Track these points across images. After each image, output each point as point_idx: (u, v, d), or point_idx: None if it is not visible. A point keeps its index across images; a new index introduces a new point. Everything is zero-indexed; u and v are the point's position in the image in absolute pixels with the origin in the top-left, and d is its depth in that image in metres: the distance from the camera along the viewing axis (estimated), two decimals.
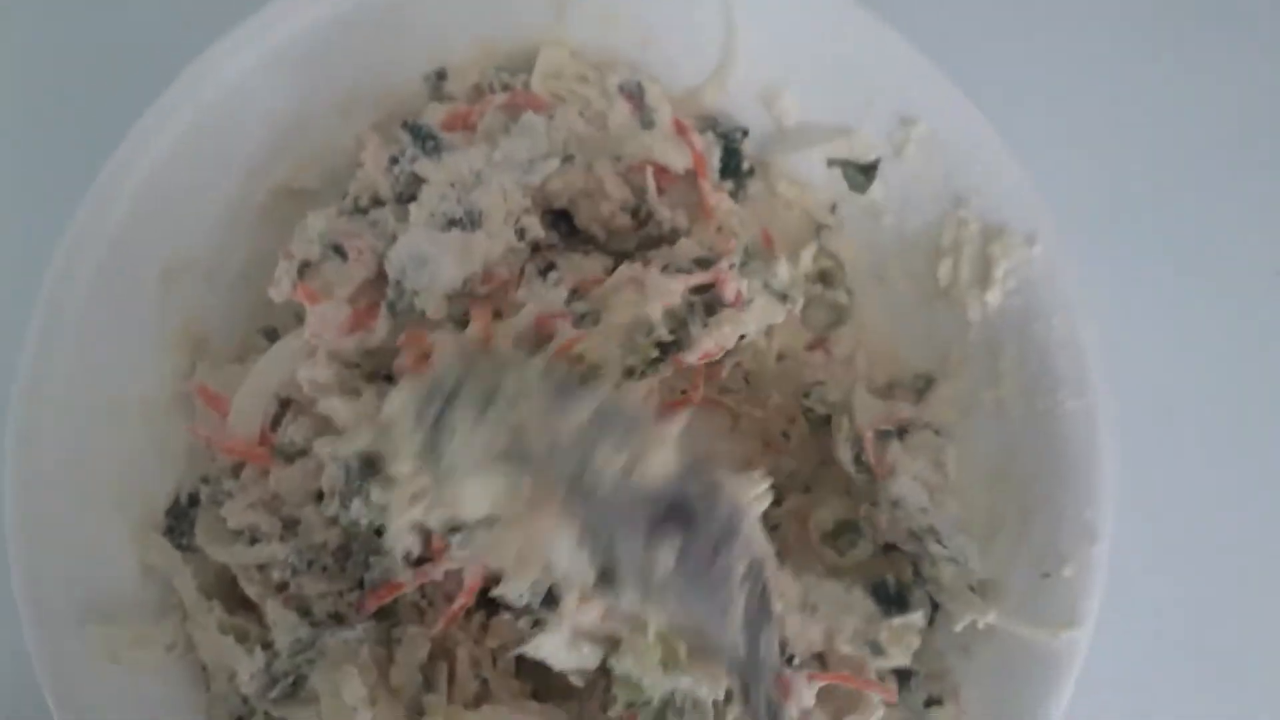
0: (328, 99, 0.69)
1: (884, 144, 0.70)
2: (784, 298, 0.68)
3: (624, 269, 0.62)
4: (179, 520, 0.66)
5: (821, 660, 0.63)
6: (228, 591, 0.65)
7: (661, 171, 0.67)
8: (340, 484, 0.58)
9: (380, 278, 0.63)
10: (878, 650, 0.61)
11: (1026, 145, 0.67)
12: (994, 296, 0.68)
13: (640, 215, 0.68)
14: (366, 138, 0.69)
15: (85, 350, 0.63)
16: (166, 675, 0.64)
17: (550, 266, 0.64)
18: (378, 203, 0.67)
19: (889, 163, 0.71)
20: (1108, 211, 0.85)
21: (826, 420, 0.71)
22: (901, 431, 0.69)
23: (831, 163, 0.73)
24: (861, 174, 0.72)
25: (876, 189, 0.72)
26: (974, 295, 0.69)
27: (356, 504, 0.57)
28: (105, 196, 0.64)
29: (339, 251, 0.63)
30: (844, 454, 0.69)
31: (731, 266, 0.61)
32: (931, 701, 0.64)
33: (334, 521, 0.60)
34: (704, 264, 0.63)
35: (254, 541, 0.62)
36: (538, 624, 0.56)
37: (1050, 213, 0.67)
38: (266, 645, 0.61)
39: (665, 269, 0.63)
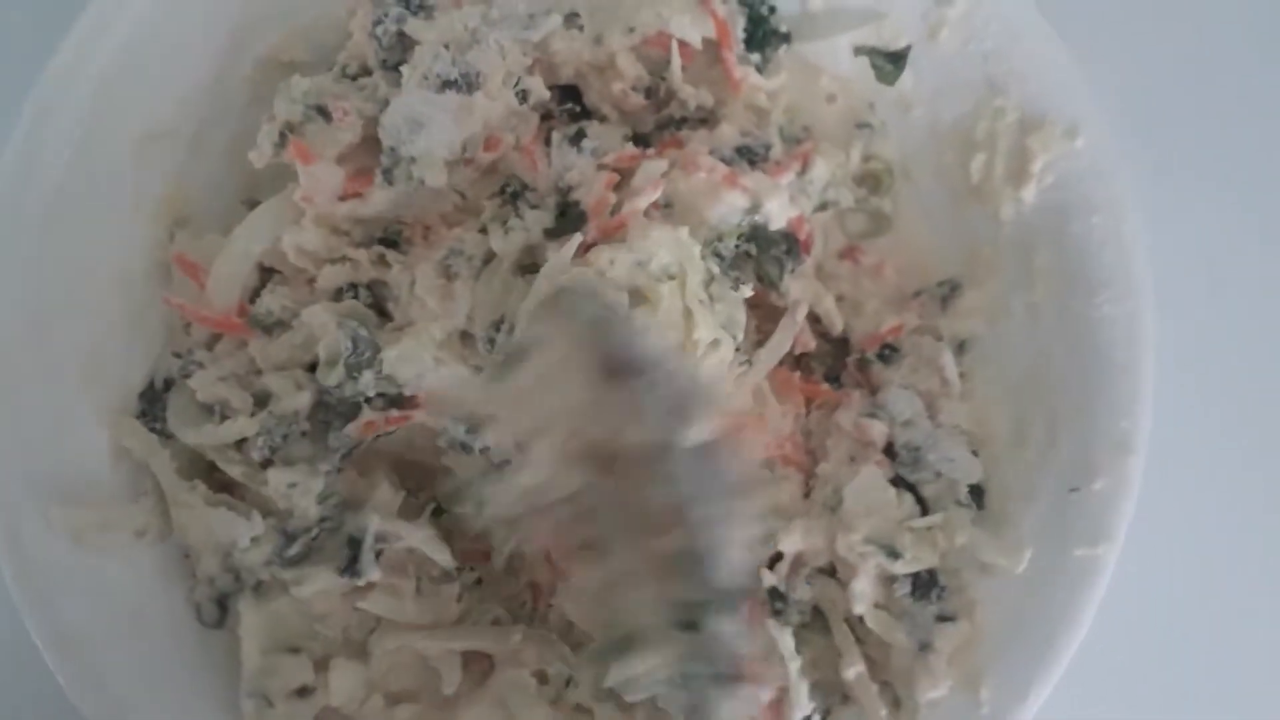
0: None
1: (917, 26, 0.65)
2: (824, 205, 0.65)
3: (690, 156, 0.59)
4: (152, 404, 0.62)
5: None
6: (204, 477, 0.61)
7: (680, 46, 0.63)
8: (348, 353, 0.55)
9: (367, 144, 0.59)
10: (892, 554, 0.57)
11: (1071, 28, 0.62)
12: (1030, 193, 0.64)
13: (659, 94, 0.64)
14: (358, 5, 0.64)
15: (56, 214, 0.59)
16: (136, 563, 0.60)
17: (581, 134, 0.61)
18: (367, 72, 0.62)
19: (921, 47, 0.66)
20: (1157, 103, 0.79)
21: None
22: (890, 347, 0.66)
23: (859, 51, 0.68)
24: (891, 63, 0.67)
25: (906, 79, 0.67)
26: (1008, 192, 0.64)
27: (367, 375, 0.56)
28: (81, 53, 0.60)
29: (323, 113, 0.58)
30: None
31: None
32: (944, 618, 0.60)
33: (306, 387, 0.57)
34: (746, 153, 0.61)
35: (225, 418, 0.59)
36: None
37: (1095, 103, 0.62)
38: (267, 513, 0.58)
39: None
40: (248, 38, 0.65)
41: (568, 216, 0.60)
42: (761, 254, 0.63)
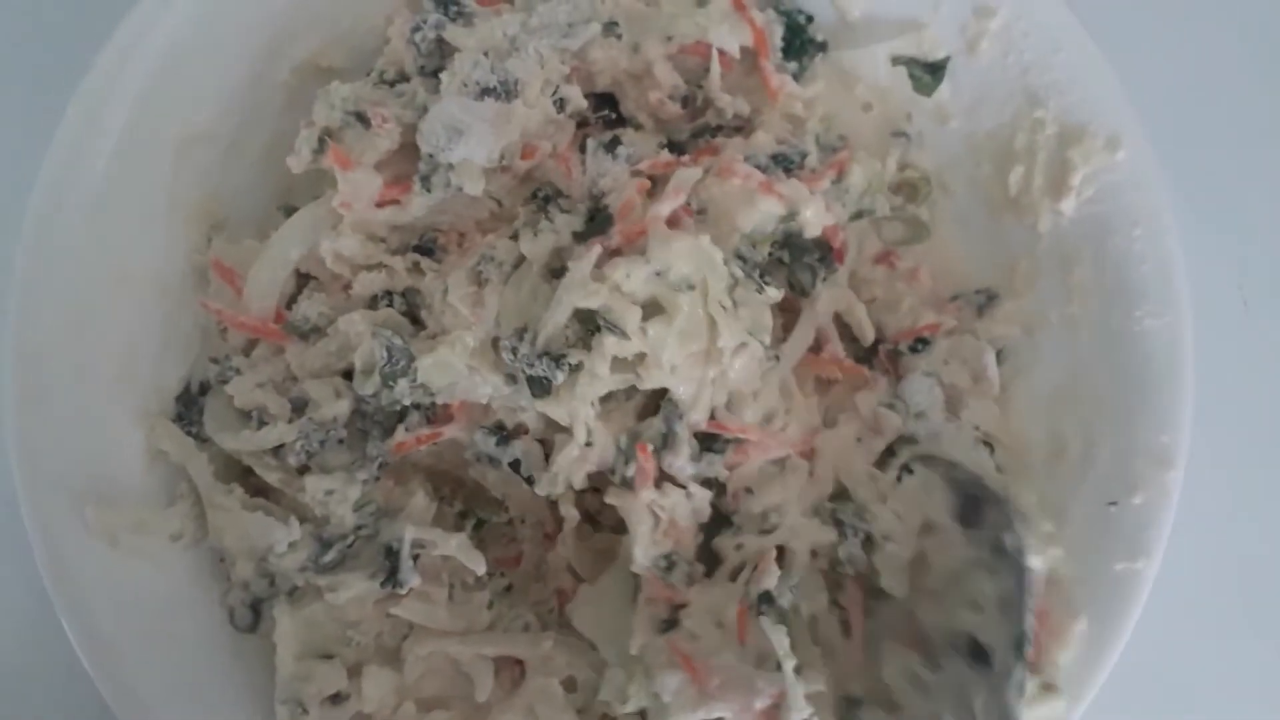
0: None
1: (956, 38, 0.65)
2: (859, 213, 0.65)
3: (727, 163, 0.59)
4: (188, 408, 0.63)
5: None
6: (241, 481, 0.61)
7: (719, 55, 0.62)
8: (383, 362, 0.55)
9: (406, 150, 0.59)
10: None
11: (1112, 40, 0.62)
12: (1069, 206, 0.63)
13: (695, 103, 0.64)
14: (396, 12, 0.64)
15: (95, 216, 0.60)
16: (169, 567, 0.60)
17: (615, 141, 0.60)
18: (404, 79, 0.63)
19: (960, 59, 0.65)
20: (1199, 116, 0.79)
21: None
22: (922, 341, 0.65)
23: (896, 61, 0.68)
24: (929, 73, 0.67)
25: (943, 90, 0.67)
26: (1046, 205, 0.64)
27: (403, 384, 0.56)
28: (123, 57, 0.60)
29: (362, 120, 0.58)
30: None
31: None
32: None
33: (345, 395, 0.57)
34: (782, 160, 0.61)
35: (262, 424, 0.59)
36: None
37: (1136, 115, 0.62)
38: (303, 519, 0.58)
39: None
40: (286, 43, 0.65)
41: (597, 221, 0.59)
42: (794, 261, 0.62)
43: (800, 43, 0.65)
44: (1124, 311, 0.61)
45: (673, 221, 0.57)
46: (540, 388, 0.55)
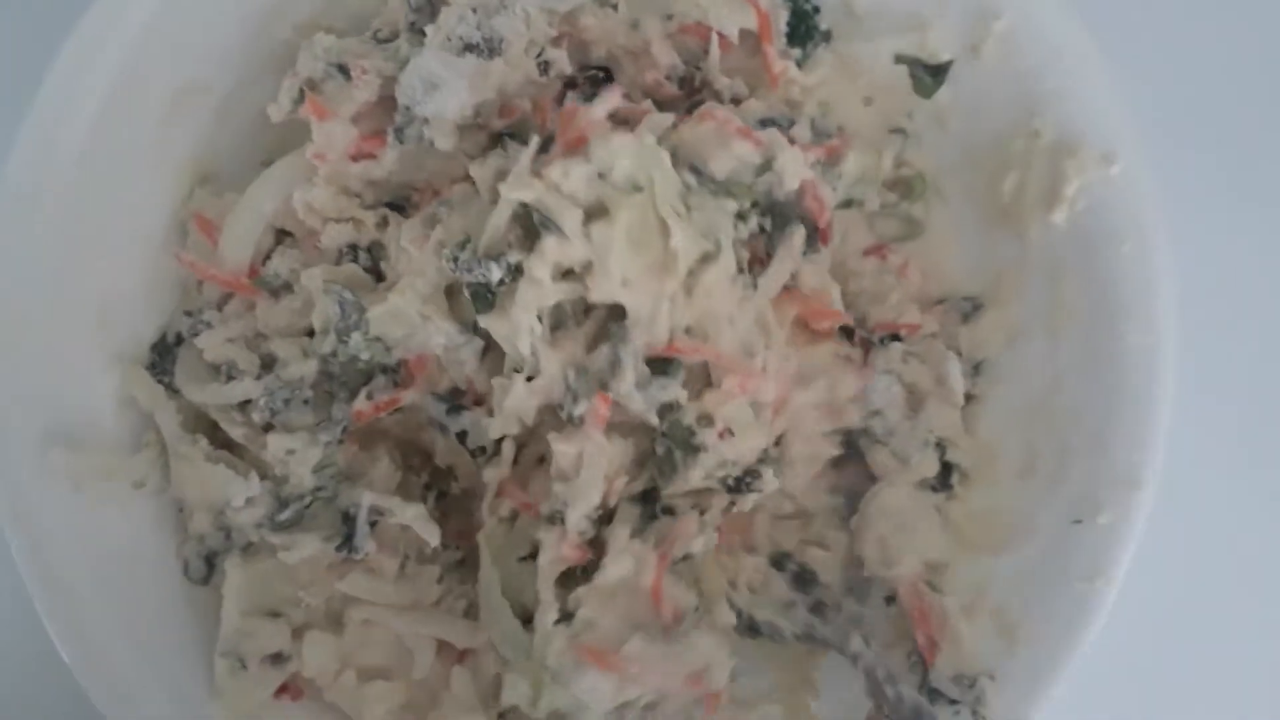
0: None
1: (960, 40, 0.64)
2: (849, 202, 0.64)
3: (705, 109, 0.57)
4: (162, 357, 0.63)
5: None
6: (207, 435, 0.62)
7: (718, 36, 0.62)
8: (336, 318, 0.55)
9: (385, 104, 0.58)
10: None
11: (1115, 51, 0.61)
12: (1061, 216, 0.62)
13: (693, 84, 0.63)
14: None
15: (86, 161, 0.60)
16: (132, 514, 0.61)
17: (594, 94, 0.58)
18: (398, 35, 0.62)
19: (962, 63, 0.64)
20: (1194, 123, 0.78)
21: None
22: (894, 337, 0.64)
23: (899, 59, 0.67)
24: (931, 75, 0.66)
25: (943, 93, 0.66)
26: (1038, 214, 0.63)
27: (356, 337, 0.55)
28: (122, 2, 0.60)
29: (343, 71, 0.58)
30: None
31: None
32: None
33: (312, 355, 0.56)
34: (768, 124, 0.59)
35: (230, 379, 0.59)
36: None
37: (1134, 129, 0.61)
38: (264, 476, 0.58)
39: None
40: (290, 2, 0.64)
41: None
42: (776, 232, 0.60)
43: (806, 29, 0.64)
44: (1107, 328, 0.60)
45: (621, 124, 0.55)
46: (483, 302, 0.53)
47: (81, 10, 0.60)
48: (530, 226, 0.53)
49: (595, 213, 0.52)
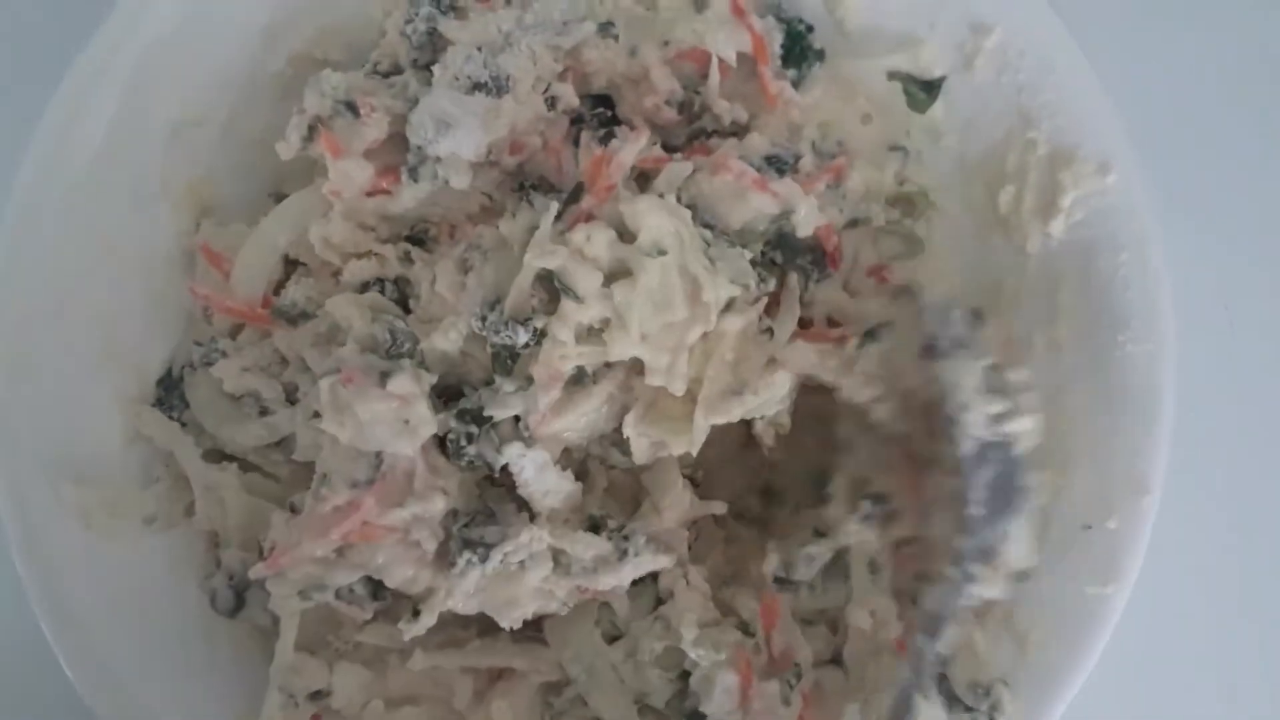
0: None
1: (952, 55, 0.65)
2: (854, 221, 0.65)
3: (720, 157, 0.58)
4: (169, 392, 0.63)
5: None
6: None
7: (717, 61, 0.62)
8: (387, 344, 0.55)
9: (394, 141, 0.58)
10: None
11: (1106, 62, 0.62)
12: (1058, 228, 0.63)
13: (692, 109, 0.64)
14: (393, 4, 0.65)
15: (86, 194, 0.60)
16: (142, 550, 0.61)
17: (610, 136, 0.60)
18: (399, 71, 0.62)
19: (955, 77, 0.66)
20: (1188, 129, 0.79)
21: None
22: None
23: (892, 76, 0.67)
24: (924, 91, 0.67)
25: (937, 107, 0.67)
26: (1036, 225, 0.64)
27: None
28: (119, 37, 0.61)
29: (351, 109, 0.58)
30: None
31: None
32: None
33: None
34: (775, 162, 0.60)
35: (264, 413, 0.59)
36: None
37: (1128, 139, 0.62)
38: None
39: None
40: (283, 33, 0.65)
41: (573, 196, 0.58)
42: (787, 262, 0.62)
43: (800, 50, 0.65)
44: (1107, 336, 0.61)
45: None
46: (502, 365, 0.54)
47: (80, 45, 0.60)
48: (553, 289, 0.54)
49: (617, 273, 0.54)
